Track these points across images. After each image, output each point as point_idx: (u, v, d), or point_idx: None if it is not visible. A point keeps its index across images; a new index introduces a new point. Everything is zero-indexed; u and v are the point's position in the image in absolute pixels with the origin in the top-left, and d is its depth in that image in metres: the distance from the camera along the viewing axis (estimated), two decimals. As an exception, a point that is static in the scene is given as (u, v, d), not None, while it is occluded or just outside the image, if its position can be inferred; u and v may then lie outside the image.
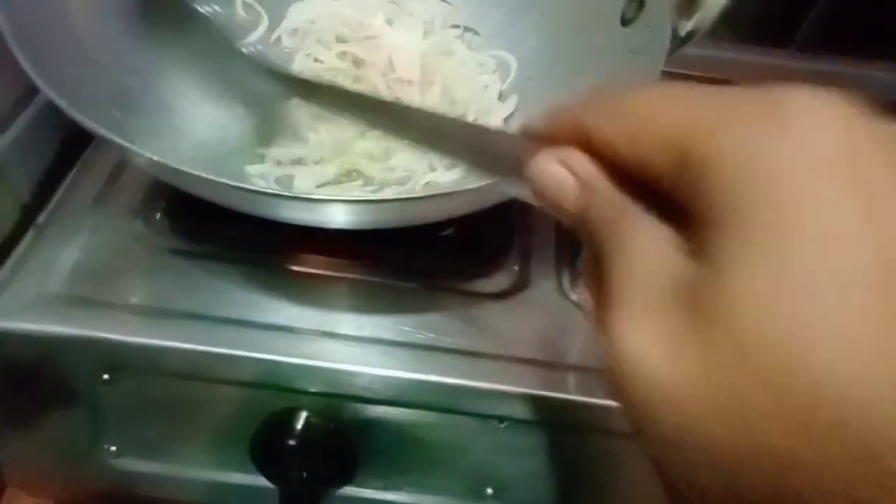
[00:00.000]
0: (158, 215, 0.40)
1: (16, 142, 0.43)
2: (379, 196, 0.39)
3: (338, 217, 0.33)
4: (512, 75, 0.47)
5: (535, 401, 0.36)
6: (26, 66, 0.30)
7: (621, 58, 0.38)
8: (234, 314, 0.37)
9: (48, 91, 0.29)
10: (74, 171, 0.43)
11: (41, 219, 0.41)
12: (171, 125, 0.40)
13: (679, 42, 0.35)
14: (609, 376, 0.16)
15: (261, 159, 0.42)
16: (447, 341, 0.37)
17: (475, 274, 0.41)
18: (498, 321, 0.39)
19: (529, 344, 0.38)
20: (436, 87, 0.46)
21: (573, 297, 0.40)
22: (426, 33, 0.48)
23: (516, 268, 0.41)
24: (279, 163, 0.42)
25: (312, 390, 0.36)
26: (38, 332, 0.34)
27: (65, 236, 0.39)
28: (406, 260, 0.41)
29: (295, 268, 0.40)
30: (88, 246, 0.38)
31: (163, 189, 0.41)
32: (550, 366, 0.37)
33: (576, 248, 0.42)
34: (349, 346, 0.37)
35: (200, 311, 0.37)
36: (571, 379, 0.37)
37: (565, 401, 0.36)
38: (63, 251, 0.38)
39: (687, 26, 0.34)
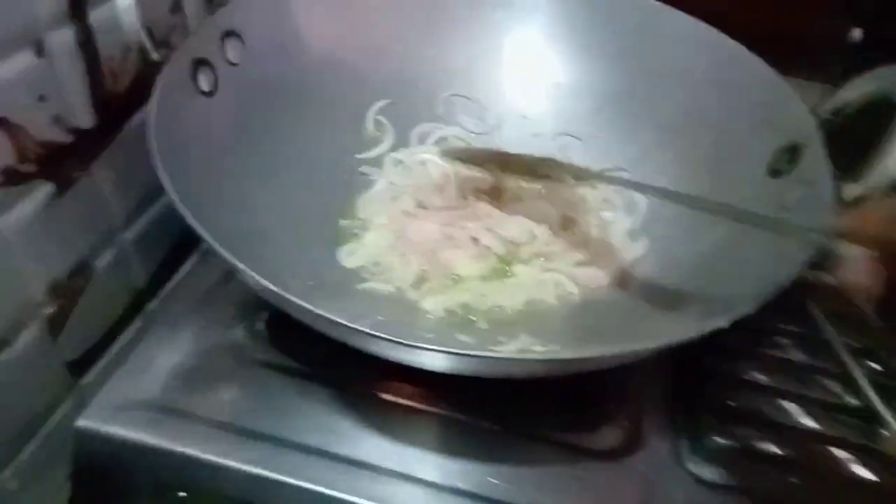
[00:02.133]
0: (260, 325, 0.40)
1: (138, 237, 0.45)
2: (495, 353, 0.36)
3: (443, 364, 0.31)
4: (643, 213, 0.44)
5: None
6: (168, 187, 0.31)
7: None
8: (317, 442, 0.35)
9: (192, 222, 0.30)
10: (188, 266, 0.44)
11: (151, 307, 0.41)
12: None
13: (844, 205, 0.31)
14: None
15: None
16: (538, 501, 0.33)
17: (577, 424, 0.37)
18: (599, 486, 0.34)
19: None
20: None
21: (691, 466, 0.35)
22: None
23: (627, 423, 0.37)
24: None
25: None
26: (123, 438, 0.34)
27: (166, 338, 0.39)
28: (502, 399, 0.37)
29: (385, 395, 0.38)
30: (187, 351, 0.38)
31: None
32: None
33: (695, 410, 0.37)
34: (427, 494, 0.33)
35: (283, 435, 0.35)
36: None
37: None
38: (161, 354, 0.38)
39: (852, 190, 0.30)
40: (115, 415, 0.35)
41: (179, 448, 0.34)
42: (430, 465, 0.35)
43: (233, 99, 0.40)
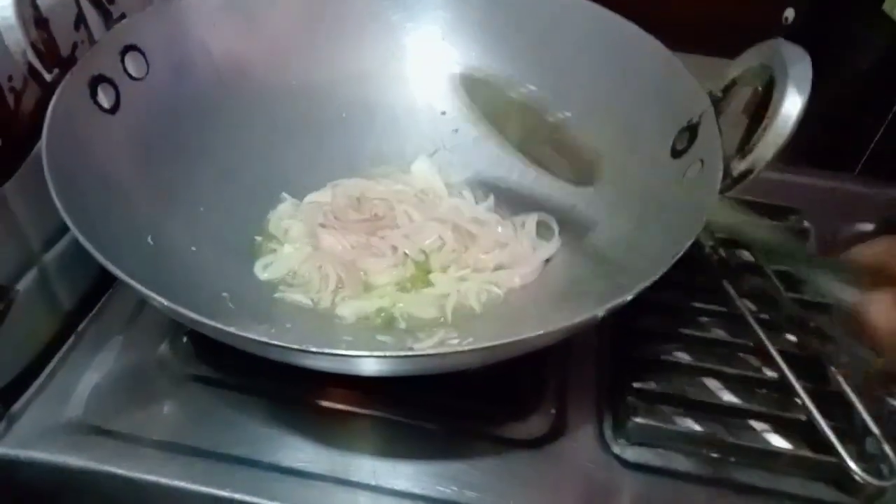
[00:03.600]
0: (185, 338, 0.40)
1: (60, 257, 0.44)
2: (412, 351, 0.36)
3: (369, 368, 0.31)
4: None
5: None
6: (60, 205, 0.30)
7: (671, 191, 0.36)
8: (250, 453, 0.35)
9: (74, 228, 0.30)
10: (115, 286, 0.44)
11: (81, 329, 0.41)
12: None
13: (732, 181, 0.32)
14: None
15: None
16: (472, 496, 0.34)
17: (506, 416, 0.38)
18: (531, 474, 0.35)
19: (566, 503, 0.34)
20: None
21: (615, 448, 0.36)
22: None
23: (553, 410, 0.38)
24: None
25: (319, 545, 0.33)
26: (46, 462, 0.34)
27: (90, 357, 0.39)
28: (434, 397, 0.38)
29: (317, 401, 0.38)
30: (112, 369, 0.38)
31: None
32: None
33: (618, 393, 0.38)
34: (364, 498, 0.34)
35: (215, 449, 0.35)
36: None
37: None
38: (85, 374, 0.37)
39: (740, 166, 0.32)
40: (37, 439, 0.34)
41: (106, 468, 0.33)
42: (362, 468, 0.35)
43: (137, 116, 0.39)
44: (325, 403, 0.38)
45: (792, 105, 0.31)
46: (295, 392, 0.38)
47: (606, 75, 0.43)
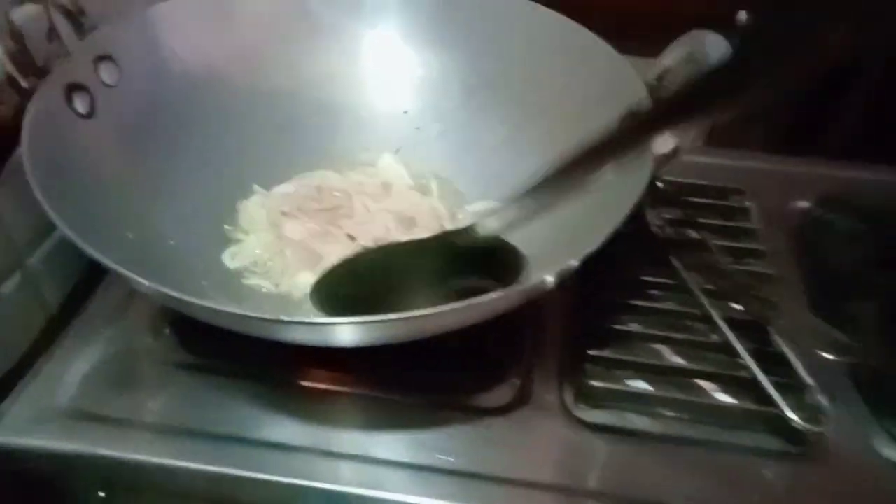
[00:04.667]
0: (167, 330, 0.42)
1: (44, 259, 0.45)
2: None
3: (345, 338, 0.34)
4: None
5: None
6: (41, 198, 0.32)
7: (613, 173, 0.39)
8: (236, 431, 0.37)
9: (59, 222, 0.32)
10: (101, 285, 0.46)
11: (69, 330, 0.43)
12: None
13: (664, 160, 0.35)
14: None
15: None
16: (448, 461, 0.37)
17: (476, 387, 0.40)
18: (500, 439, 0.38)
19: (534, 465, 0.37)
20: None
21: (576, 412, 0.39)
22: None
23: (517, 381, 0.41)
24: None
25: (308, 512, 0.36)
26: (38, 448, 0.35)
27: (77, 350, 0.40)
28: (412, 374, 0.41)
29: (299, 381, 0.40)
30: (99, 359, 0.40)
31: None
32: (558, 490, 0.36)
33: (578, 362, 0.41)
34: (349, 467, 0.36)
35: (201, 428, 0.37)
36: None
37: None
38: (73, 364, 0.39)
39: (666, 145, 0.35)
40: (28, 426, 0.36)
41: (95, 450, 0.35)
42: (346, 440, 0.38)
43: (113, 119, 0.42)
44: (307, 383, 0.40)
45: None
46: (277, 374, 0.40)
47: (555, 73, 0.46)
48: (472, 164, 0.51)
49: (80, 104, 0.40)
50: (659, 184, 0.49)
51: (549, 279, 0.32)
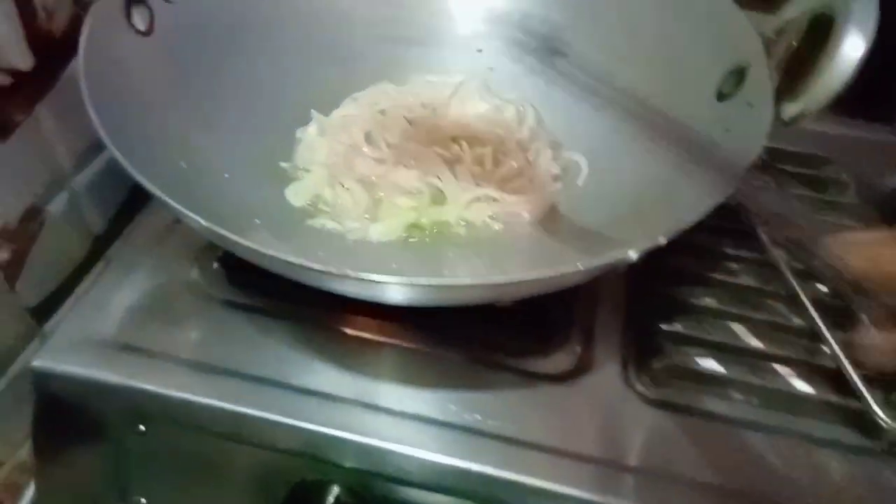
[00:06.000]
0: (215, 264, 0.40)
1: (90, 180, 0.44)
2: (448, 281, 0.36)
3: (400, 296, 0.31)
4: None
5: (586, 505, 0.32)
6: (96, 121, 0.30)
7: (714, 135, 0.35)
8: (277, 374, 0.35)
9: (112, 148, 0.30)
10: (143, 211, 0.44)
11: (110, 252, 0.42)
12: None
13: (781, 125, 0.31)
14: None
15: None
16: (494, 425, 0.34)
17: (532, 351, 0.38)
18: (553, 408, 0.36)
19: (586, 437, 0.35)
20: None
21: (639, 387, 0.36)
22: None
23: (578, 348, 0.38)
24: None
25: (346, 465, 0.34)
26: (80, 376, 0.34)
27: (121, 278, 0.39)
28: (460, 329, 0.38)
29: (344, 329, 0.38)
30: (143, 290, 0.38)
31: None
32: (608, 464, 0.34)
33: (645, 334, 0.38)
34: (388, 421, 0.34)
35: (243, 369, 0.35)
36: (630, 482, 0.33)
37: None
38: (117, 294, 0.38)
39: (791, 109, 0.30)
40: (71, 353, 0.35)
41: (136, 384, 0.34)
42: (388, 394, 0.36)
43: (170, 37, 0.39)
44: (351, 331, 0.38)
45: (853, 48, 0.30)
46: (322, 318, 0.38)
47: (653, 11, 0.41)
48: (546, 112, 0.47)
49: (139, 20, 0.38)
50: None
51: (633, 254, 0.29)
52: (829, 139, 0.51)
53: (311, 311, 0.38)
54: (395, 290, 0.31)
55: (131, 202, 0.48)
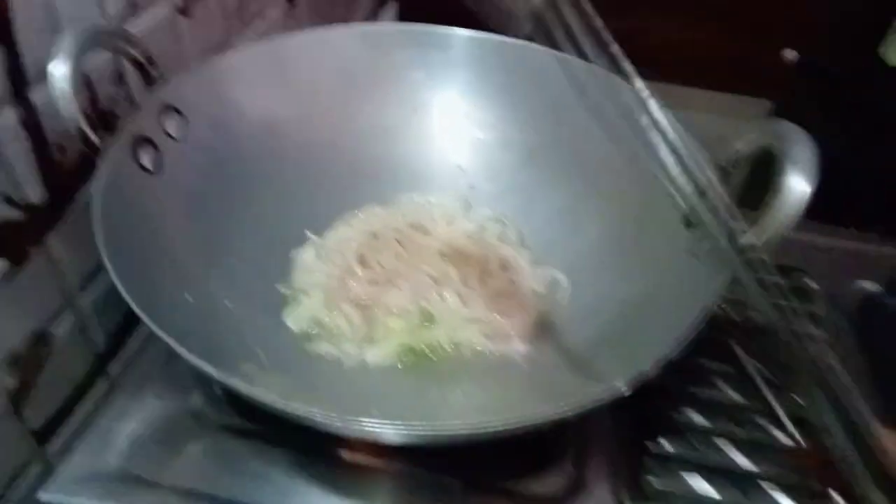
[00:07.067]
0: (218, 390, 0.41)
1: (95, 300, 0.45)
2: (444, 430, 0.34)
3: (389, 438, 0.33)
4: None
5: None
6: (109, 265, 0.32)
7: (684, 259, 0.38)
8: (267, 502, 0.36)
9: (125, 294, 0.31)
10: (149, 333, 0.45)
11: (114, 373, 0.42)
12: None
13: (740, 251, 0.33)
14: None
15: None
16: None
17: (526, 472, 0.39)
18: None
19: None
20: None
21: (631, 509, 0.38)
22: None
23: (571, 468, 0.39)
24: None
25: None
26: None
27: (127, 405, 0.40)
28: (455, 453, 0.39)
29: (342, 453, 0.39)
30: (148, 419, 0.39)
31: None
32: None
33: (634, 454, 0.39)
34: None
35: (243, 499, 0.36)
36: None
37: None
38: (122, 423, 0.39)
39: (747, 239, 0.32)
40: (78, 487, 0.36)
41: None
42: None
43: (176, 175, 0.41)
44: (349, 456, 0.39)
45: (797, 185, 0.32)
46: (319, 443, 0.39)
47: (620, 149, 0.44)
48: (526, 230, 0.50)
49: (146, 159, 0.40)
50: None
51: (623, 387, 0.30)
52: (799, 248, 0.53)
53: (309, 436, 0.39)
54: (383, 434, 0.32)
55: (132, 316, 0.49)
